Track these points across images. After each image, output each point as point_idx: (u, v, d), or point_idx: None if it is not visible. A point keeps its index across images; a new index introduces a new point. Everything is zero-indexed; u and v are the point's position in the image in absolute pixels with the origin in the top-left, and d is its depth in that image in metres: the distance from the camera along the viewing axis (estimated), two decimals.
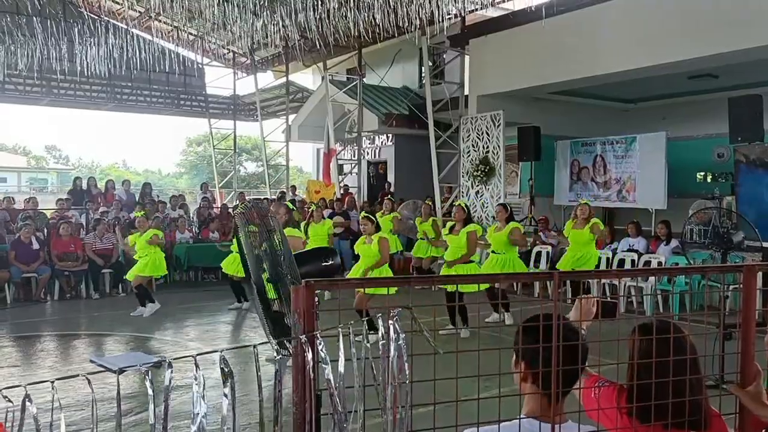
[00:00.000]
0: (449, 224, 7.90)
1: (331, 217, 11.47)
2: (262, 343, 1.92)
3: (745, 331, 2.04)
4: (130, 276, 8.93)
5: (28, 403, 1.19)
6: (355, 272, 7.47)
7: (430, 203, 11.58)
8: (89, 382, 1.20)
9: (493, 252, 8.05)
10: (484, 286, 7.24)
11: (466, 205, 7.86)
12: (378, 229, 7.47)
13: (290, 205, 8.92)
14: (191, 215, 13.78)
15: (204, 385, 1.38)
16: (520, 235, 8.07)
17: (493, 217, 10.12)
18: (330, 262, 2.75)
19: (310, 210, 10.60)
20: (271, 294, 3.94)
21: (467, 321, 7.42)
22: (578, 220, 8.33)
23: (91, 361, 6.27)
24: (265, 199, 15.29)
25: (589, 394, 1.97)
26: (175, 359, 1.29)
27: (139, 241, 8.85)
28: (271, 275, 3.78)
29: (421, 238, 10.56)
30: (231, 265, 8.56)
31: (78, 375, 1.17)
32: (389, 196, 13.51)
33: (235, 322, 8.75)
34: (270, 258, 3.39)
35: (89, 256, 10.39)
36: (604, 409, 1.90)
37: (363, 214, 8.77)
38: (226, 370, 1.39)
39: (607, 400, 1.94)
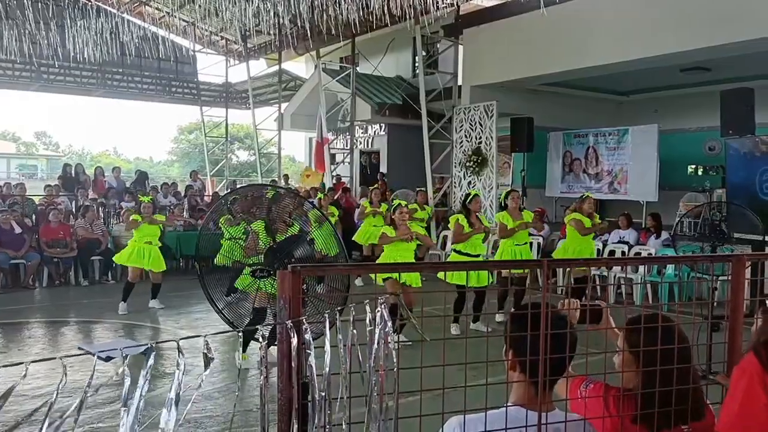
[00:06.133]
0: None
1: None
2: (246, 329, 1.91)
3: (733, 322, 2.04)
4: (118, 259, 8.55)
5: None
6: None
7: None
8: (64, 366, 1.17)
9: (517, 245, 7.53)
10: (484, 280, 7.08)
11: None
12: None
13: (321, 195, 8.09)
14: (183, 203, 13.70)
15: (183, 370, 1.36)
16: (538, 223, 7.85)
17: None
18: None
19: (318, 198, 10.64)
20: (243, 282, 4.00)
21: (479, 316, 7.13)
22: (584, 214, 7.93)
23: (79, 349, 6.24)
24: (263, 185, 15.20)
25: (575, 397, 1.93)
26: (158, 342, 1.27)
27: (150, 226, 8.45)
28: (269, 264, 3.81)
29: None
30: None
31: (54, 358, 1.15)
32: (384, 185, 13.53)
33: None
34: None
35: (79, 241, 10.31)
36: (592, 406, 1.87)
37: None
38: (209, 355, 1.37)
39: (595, 398, 1.90)
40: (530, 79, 12.11)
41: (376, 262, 7.62)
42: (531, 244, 10.28)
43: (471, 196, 7.24)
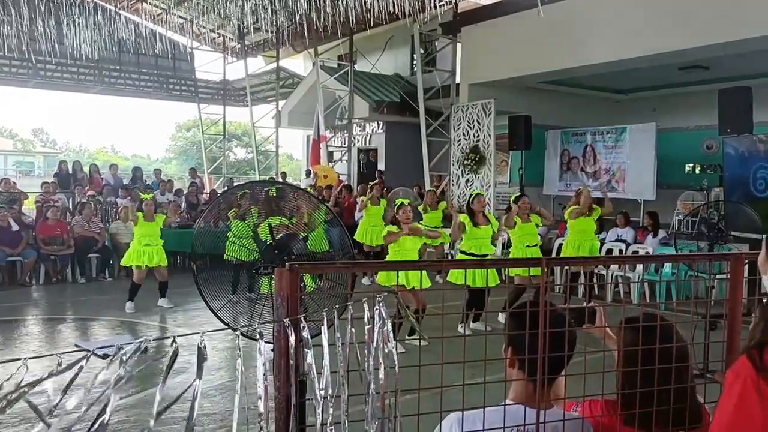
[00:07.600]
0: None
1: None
2: (243, 327, 1.89)
3: (731, 320, 2.04)
4: (125, 262, 8.37)
5: None
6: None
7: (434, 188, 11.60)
8: (59, 363, 1.17)
9: (528, 246, 7.48)
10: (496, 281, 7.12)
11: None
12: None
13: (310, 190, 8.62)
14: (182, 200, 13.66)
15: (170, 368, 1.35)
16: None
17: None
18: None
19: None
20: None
21: (479, 316, 7.06)
22: (583, 208, 8.02)
23: (77, 346, 6.23)
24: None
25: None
26: (154, 339, 1.26)
27: (149, 225, 8.28)
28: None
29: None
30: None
31: (53, 354, 1.14)
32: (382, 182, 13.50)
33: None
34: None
35: (75, 238, 10.27)
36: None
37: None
38: (204, 352, 1.36)
39: (587, 410, 1.89)
40: (528, 77, 12.10)
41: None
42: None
43: (474, 196, 7.15)
